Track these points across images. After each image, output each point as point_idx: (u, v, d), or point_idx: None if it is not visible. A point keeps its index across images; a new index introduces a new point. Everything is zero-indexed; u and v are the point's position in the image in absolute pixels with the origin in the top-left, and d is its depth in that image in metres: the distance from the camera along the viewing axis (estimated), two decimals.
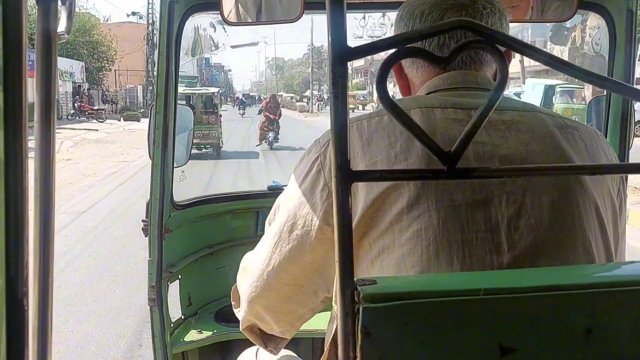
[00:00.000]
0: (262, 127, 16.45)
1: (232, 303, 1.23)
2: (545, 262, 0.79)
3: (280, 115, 17.02)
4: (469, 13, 0.92)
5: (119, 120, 30.60)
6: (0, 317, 0.44)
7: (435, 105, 0.88)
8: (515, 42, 0.48)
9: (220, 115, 16.74)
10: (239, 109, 40.38)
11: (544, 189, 0.82)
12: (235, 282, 2.09)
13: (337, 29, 0.46)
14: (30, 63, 0.44)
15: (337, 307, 0.88)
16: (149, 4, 33.89)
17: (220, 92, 31.66)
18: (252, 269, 1.03)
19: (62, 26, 0.50)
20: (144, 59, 37.66)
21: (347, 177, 0.48)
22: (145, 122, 15.39)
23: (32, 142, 0.47)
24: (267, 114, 16.70)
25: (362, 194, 0.82)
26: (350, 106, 0.53)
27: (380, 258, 0.82)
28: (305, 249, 0.91)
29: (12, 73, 0.42)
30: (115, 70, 41.32)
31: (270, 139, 16.07)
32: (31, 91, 0.45)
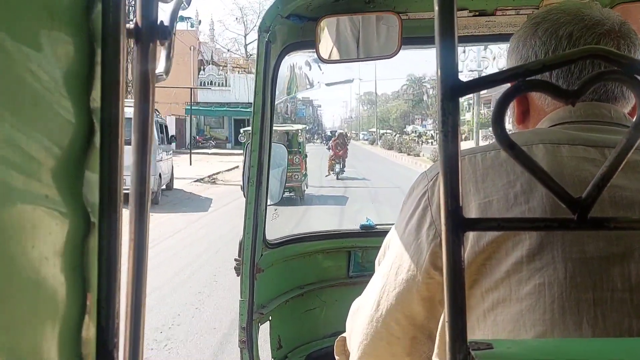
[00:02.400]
0: (331, 160, 19.49)
1: (336, 357, 1.15)
2: None
3: (346, 151, 20.23)
4: (626, 42, 0.83)
5: None
6: None
7: (563, 141, 0.79)
8: None
9: (306, 156, 15.11)
10: (327, 146, 41.38)
11: None
12: (327, 327, 2.04)
13: (448, 63, 0.42)
14: None
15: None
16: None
17: (307, 128, 31.48)
18: (362, 315, 0.96)
19: (160, 67, 0.50)
20: (190, 76, 35.44)
21: (458, 225, 0.43)
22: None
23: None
24: (335, 150, 19.74)
25: (473, 237, 0.76)
26: None
27: (494, 312, 0.74)
28: (412, 294, 0.84)
29: (109, 116, 0.42)
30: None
31: (336, 170, 18.85)
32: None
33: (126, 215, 0.44)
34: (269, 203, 1.92)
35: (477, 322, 0.75)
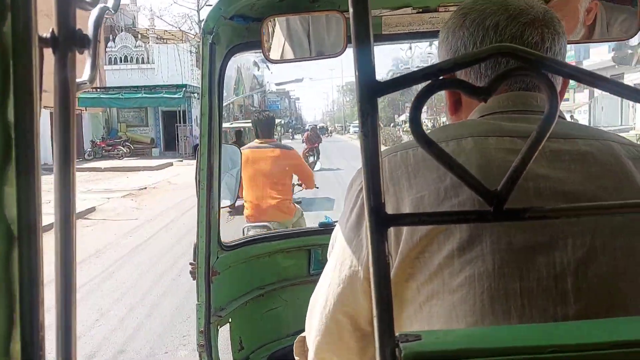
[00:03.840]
0: (305, 153, 19.48)
1: (296, 358, 1.16)
2: (620, 316, 0.70)
3: (320, 143, 20.42)
4: (550, 31, 0.85)
5: None
6: None
7: (490, 132, 0.81)
8: (566, 67, 0.43)
9: None
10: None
11: (617, 232, 0.74)
12: (289, 326, 2.04)
13: (365, 64, 0.43)
14: None
15: None
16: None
17: (283, 122, 25.88)
18: (314, 312, 0.98)
19: (85, 75, 0.50)
20: None
21: (381, 221, 0.44)
22: None
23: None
24: (308, 143, 20.17)
25: (407, 232, 0.77)
26: None
27: (429, 304, 0.76)
28: (356, 289, 0.86)
29: (24, 128, 0.41)
30: None
31: (310, 161, 18.77)
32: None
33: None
34: (222, 205, 1.91)
35: (414, 314, 0.77)
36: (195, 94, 26.84)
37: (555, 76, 0.88)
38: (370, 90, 0.43)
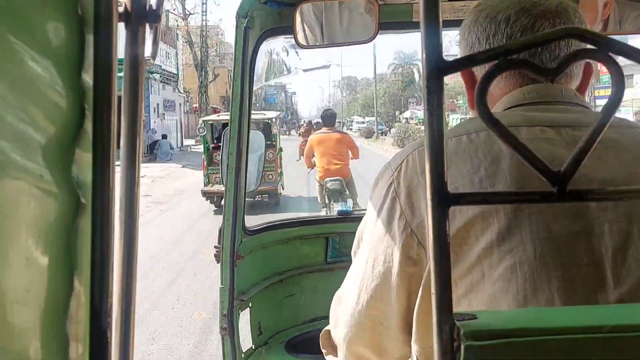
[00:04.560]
0: (301, 146, 19.05)
1: (323, 351, 1.15)
2: None
3: None
4: (562, 21, 0.85)
5: None
6: (81, 351, 0.44)
7: (520, 123, 0.81)
8: (633, 50, 0.43)
9: (281, 150, 12.04)
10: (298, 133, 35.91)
11: None
12: (306, 313, 2.04)
13: (433, 43, 0.44)
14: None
15: (418, 351, 0.83)
16: None
17: (281, 117, 25.48)
18: (344, 307, 0.98)
19: (147, 51, 0.51)
20: None
21: (444, 200, 0.44)
22: None
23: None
24: (306, 137, 19.39)
25: None
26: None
27: (468, 297, 0.76)
28: (390, 285, 0.86)
29: (101, 98, 0.42)
30: None
31: None
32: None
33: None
34: (248, 189, 1.92)
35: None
36: (157, 75, 25.36)
37: (577, 66, 0.89)
38: (437, 69, 0.44)
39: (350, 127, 54.25)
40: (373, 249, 0.88)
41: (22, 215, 0.39)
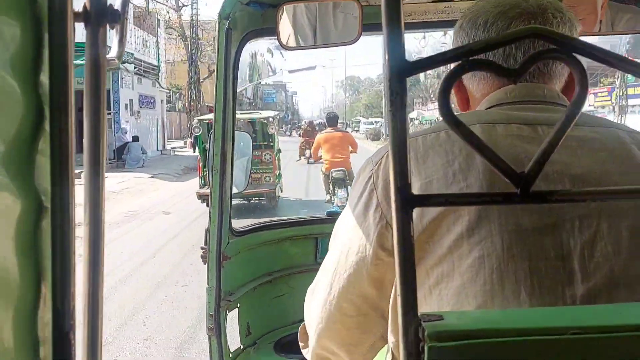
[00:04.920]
0: (301, 146, 19.38)
1: (301, 344, 1.17)
2: (625, 295, 0.72)
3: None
4: (538, 22, 0.86)
5: None
6: (46, 353, 0.43)
7: (497, 120, 0.83)
8: (597, 50, 0.43)
9: (279, 151, 11.50)
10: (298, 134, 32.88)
11: (622, 213, 0.75)
12: (295, 313, 2.03)
13: (395, 43, 0.43)
14: None
15: (393, 343, 0.84)
16: None
17: (280, 117, 24.45)
18: (316, 299, 0.99)
19: (113, 52, 0.50)
20: None
21: (408, 201, 0.44)
22: None
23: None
24: (305, 137, 20.01)
25: (417, 216, 0.78)
26: None
27: (438, 287, 0.77)
28: (362, 275, 0.87)
29: (58, 101, 0.41)
30: None
31: (307, 155, 18.40)
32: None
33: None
34: (234, 191, 1.92)
35: (423, 298, 0.77)
36: (131, 66, 21.42)
37: (560, 66, 0.89)
38: (400, 70, 0.43)
39: (356, 129, 50.99)
40: (347, 240, 0.89)
41: None
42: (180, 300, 5.40)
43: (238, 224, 2.08)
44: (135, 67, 22.57)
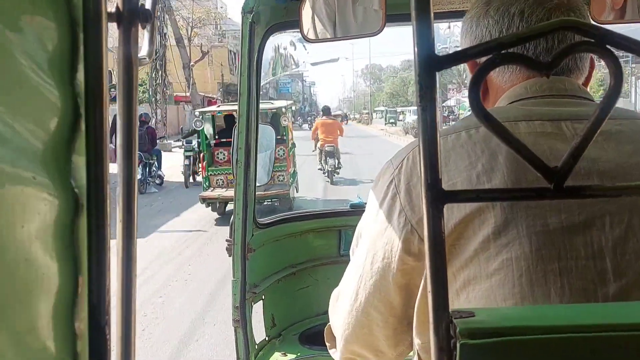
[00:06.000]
0: (315, 132, 20.17)
1: (327, 344, 1.15)
2: None
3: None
4: (575, 15, 0.84)
5: None
6: (83, 347, 0.44)
7: (520, 117, 0.81)
8: (633, 43, 0.42)
9: (294, 145, 10.47)
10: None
11: None
12: (319, 305, 2.04)
13: (424, 37, 0.43)
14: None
15: (419, 345, 0.83)
16: None
17: (295, 108, 23.20)
18: (342, 305, 0.98)
19: (143, 50, 0.51)
20: None
21: (439, 197, 0.44)
22: None
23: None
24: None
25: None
26: None
27: (466, 290, 0.76)
28: (388, 282, 0.86)
29: (93, 100, 0.42)
30: None
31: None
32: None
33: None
34: (258, 184, 1.94)
35: (450, 301, 0.76)
36: None
37: (583, 59, 0.87)
38: (429, 64, 0.43)
39: (400, 120, 43.76)
40: (372, 245, 0.88)
41: (20, 216, 0.39)
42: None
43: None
44: None
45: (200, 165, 10.55)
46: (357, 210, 2.31)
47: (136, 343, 0.52)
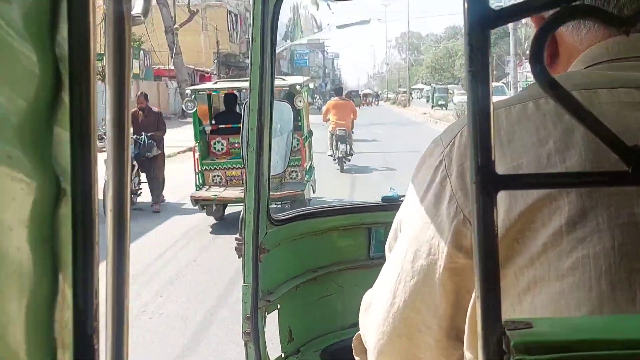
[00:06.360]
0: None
1: (356, 358, 1.15)
2: None
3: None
4: None
5: None
6: (66, 358, 0.44)
7: (600, 84, 0.78)
8: None
9: (310, 134, 9.98)
10: None
11: None
12: (345, 317, 2.03)
13: None
14: None
15: (472, 358, 0.82)
16: None
17: (315, 85, 22.36)
18: (375, 310, 0.97)
19: (138, 7, 0.50)
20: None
21: (490, 183, 0.43)
22: None
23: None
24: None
25: (503, 208, 0.74)
26: None
27: (530, 293, 0.74)
28: (434, 283, 0.84)
29: (78, 65, 0.42)
30: None
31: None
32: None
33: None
34: (273, 173, 1.92)
35: (511, 306, 0.75)
36: None
37: None
38: (482, 21, 0.42)
39: (409, 101, 43.01)
40: (414, 240, 0.86)
41: None
42: None
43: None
44: None
45: (138, 179, 9.85)
46: (391, 204, 2.29)
47: (129, 354, 0.52)
